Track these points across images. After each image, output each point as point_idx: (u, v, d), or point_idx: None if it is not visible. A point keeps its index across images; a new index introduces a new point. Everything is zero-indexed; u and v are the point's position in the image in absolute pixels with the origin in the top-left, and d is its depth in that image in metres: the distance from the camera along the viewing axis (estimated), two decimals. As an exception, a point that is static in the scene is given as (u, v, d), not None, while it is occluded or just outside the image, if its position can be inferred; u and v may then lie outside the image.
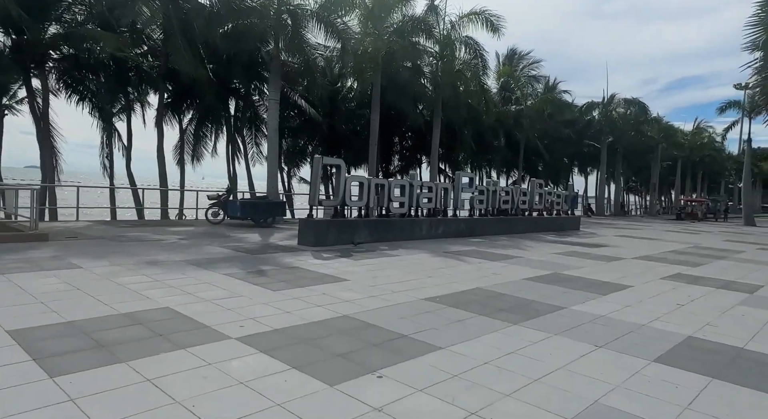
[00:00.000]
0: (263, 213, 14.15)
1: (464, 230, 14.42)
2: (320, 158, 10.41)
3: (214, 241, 10.47)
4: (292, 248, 10.02)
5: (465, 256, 10.22)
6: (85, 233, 10.75)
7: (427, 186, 13.48)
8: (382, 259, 9.23)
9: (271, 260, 8.41)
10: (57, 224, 12.93)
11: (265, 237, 11.75)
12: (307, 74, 20.86)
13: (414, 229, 12.90)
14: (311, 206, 10.76)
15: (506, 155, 34.11)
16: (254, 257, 8.60)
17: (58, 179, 18.02)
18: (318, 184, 10.55)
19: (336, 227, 10.92)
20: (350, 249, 10.40)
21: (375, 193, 12.01)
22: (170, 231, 11.97)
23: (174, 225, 13.71)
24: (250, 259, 8.36)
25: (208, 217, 14.41)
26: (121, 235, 10.67)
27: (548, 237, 15.86)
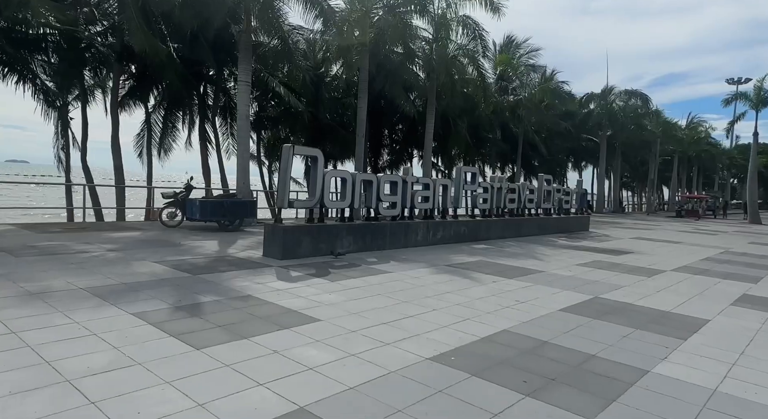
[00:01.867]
0: (228, 215, 11.90)
1: (466, 233, 12.34)
2: (290, 147, 8.23)
3: (156, 252, 8.22)
4: (254, 263, 7.82)
5: (474, 271, 8.12)
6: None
7: (424, 183, 11.35)
8: (369, 279, 7.08)
9: (218, 283, 6.21)
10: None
11: (224, 246, 9.52)
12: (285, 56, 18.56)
13: (408, 234, 10.78)
14: (279, 208, 8.57)
15: (502, 149, 32.13)
16: (196, 279, 6.39)
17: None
18: (288, 180, 8.37)
19: (311, 235, 8.75)
20: (329, 263, 8.24)
21: (361, 191, 9.87)
22: (106, 238, 9.68)
23: (119, 229, 11.40)
24: (189, 283, 6.15)
25: (162, 219, 12.12)
26: (33, 245, 8.36)
27: (560, 241, 13.86)
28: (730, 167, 65.69)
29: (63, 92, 18.46)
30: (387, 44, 20.00)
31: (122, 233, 10.49)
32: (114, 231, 10.85)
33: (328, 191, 9.10)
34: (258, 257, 8.35)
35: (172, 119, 21.23)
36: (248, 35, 14.29)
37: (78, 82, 18.32)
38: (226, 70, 20.53)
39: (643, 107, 35.57)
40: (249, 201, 12.54)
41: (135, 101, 19.93)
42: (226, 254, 8.50)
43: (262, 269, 7.28)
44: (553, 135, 34.33)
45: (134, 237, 10.00)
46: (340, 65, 22.93)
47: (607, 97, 35.27)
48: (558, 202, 16.46)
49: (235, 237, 10.85)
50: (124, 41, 15.84)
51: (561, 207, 16.72)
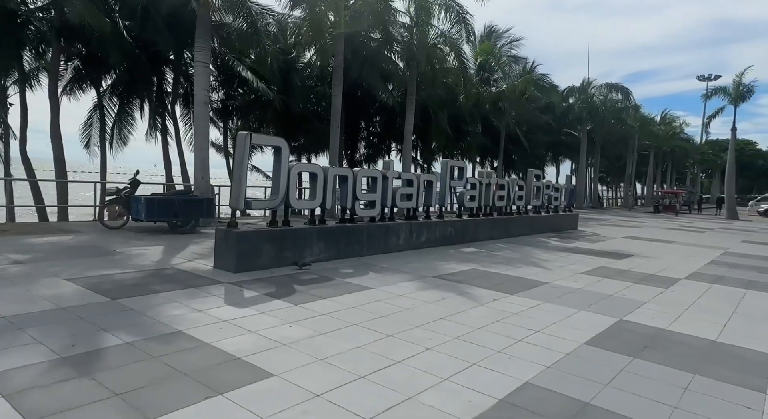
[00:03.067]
0: (181, 214, 10.27)
1: (453, 235, 11.07)
2: (246, 135, 6.73)
3: (77, 264, 6.61)
4: (200, 279, 6.32)
5: (468, 284, 6.83)
6: None
7: (407, 179, 9.99)
8: (343, 299, 5.69)
9: (141, 313, 4.71)
10: None
11: (169, 254, 7.95)
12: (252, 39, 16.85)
13: (389, 238, 9.42)
14: (233, 209, 7.07)
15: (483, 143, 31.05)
16: (114, 305, 4.87)
17: None
18: (244, 175, 6.86)
19: (274, 241, 7.28)
20: (294, 277, 6.80)
21: (335, 188, 8.44)
22: (23, 245, 7.97)
23: (49, 232, 9.65)
24: (101, 313, 4.63)
25: (102, 219, 10.40)
26: None
27: (552, 242, 12.76)
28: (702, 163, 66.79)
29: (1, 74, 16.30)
30: (364, 29, 18.52)
31: (48, 238, 8.77)
32: (40, 235, 9.11)
33: (294, 188, 7.64)
34: (207, 270, 6.84)
35: (127, 106, 19.21)
36: (206, 10, 12.57)
37: (16, 64, 16.19)
38: (187, 54, 18.65)
39: (623, 101, 35.08)
40: (206, 199, 10.92)
41: (82, 86, 17.88)
42: (168, 266, 6.96)
43: (208, 288, 5.79)
44: (533, 129, 33.51)
45: (60, 243, 8.32)
46: (313, 52, 21.33)
47: (588, 90, 34.64)
48: (547, 199, 15.38)
49: (186, 242, 9.27)
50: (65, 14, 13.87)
51: (550, 204, 15.66)
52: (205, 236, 10.07)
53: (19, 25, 15.11)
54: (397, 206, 9.69)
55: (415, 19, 18.24)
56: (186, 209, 10.39)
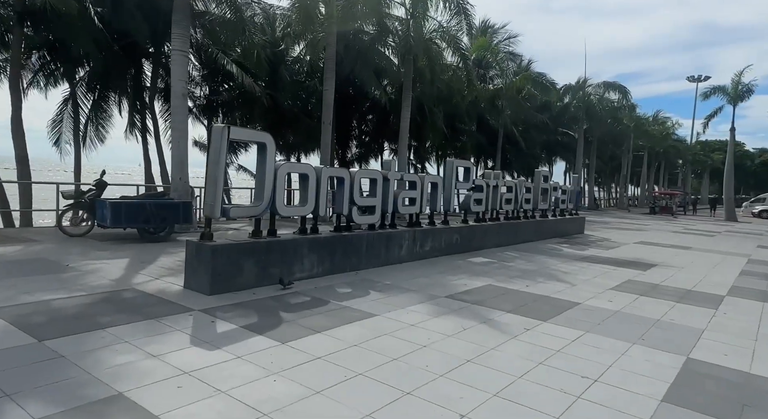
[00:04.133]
0: (152, 220, 9.03)
1: (459, 243, 9.98)
2: (223, 128, 5.55)
3: (11, 285, 5.38)
4: (164, 305, 5.13)
5: (488, 306, 5.73)
6: None
7: (409, 180, 8.87)
8: (341, 333, 4.55)
9: (73, 360, 3.53)
10: None
11: (133, 268, 6.73)
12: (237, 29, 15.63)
13: (390, 248, 8.29)
14: (208, 217, 5.88)
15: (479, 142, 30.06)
16: (39, 349, 3.68)
17: None
18: (220, 176, 5.68)
19: (257, 255, 6.11)
20: (281, 300, 5.65)
21: (328, 191, 7.30)
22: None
23: (1, 242, 8.35)
24: (18, 362, 3.44)
25: (62, 226, 9.11)
26: None
27: (564, 248, 11.75)
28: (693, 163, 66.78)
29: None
30: (357, 20, 17.39)
31: None
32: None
33: (282, 191, 6.48)
34: (175, 292, 5.64)
35: (103, 101, 17.80)
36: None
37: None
38: (167, 46, 17.32)
39: (620, 100, 34.36)
40: (182, 203, 9.68)
41: (51, 79, 16.47)
42: (128, 286, 5.75)
43: (173, 319, 4.61)
44: (529, 128, 32.66)
45: (5, 254, 7.04)
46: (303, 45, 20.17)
47: (584, 89, 33.86)
48: (554, 202, 14.38)
49: (157, 253, 8.04)
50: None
51: (557, 207, 14.68)
52: (179, 246, 8.83)
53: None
54: (399, 212, 8.57)
55: (412, 9, 17.13)
56: (159, 214, 9.16)
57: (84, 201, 9.17)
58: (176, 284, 5.97)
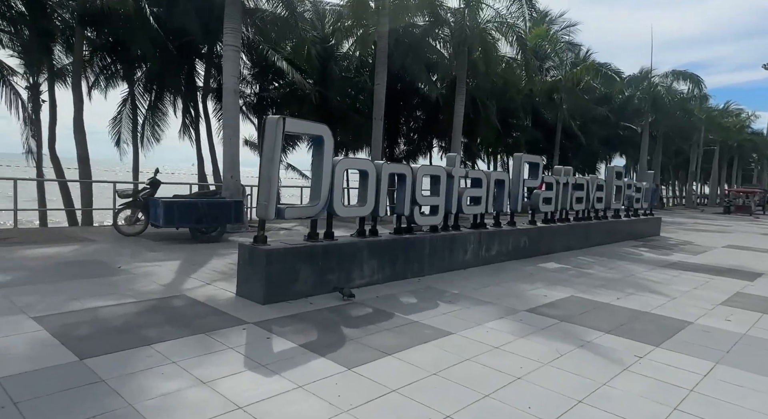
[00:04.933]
0: (204, 220, 8.75)
1: (527, 246, 9.06)
2: (278, 119, 5.03)
3: (61, 289, 5.10)
4: (216, 315, 4.65)
5: (579, 325, 4.87)
6: None
7: (474, 177, 8.06)
8: (415, 357, 3.87)
9: (114, 386, 3.06)
10: None
11: (185, 273, 6.37)
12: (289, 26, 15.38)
13: (455, 252, 7.53)
14: (261, 219, 5.38)
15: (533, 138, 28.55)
16: (78, 371, 3.24)
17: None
18: (275, 174, 5.17)
19: (314, 260, 5.55)
20: (340, 312, 5.05)
21: (389, 189, 6.65)
22: (13, 258, 6.59)
23: (55, 241, 8.34)
24: (52, 388, 3.00)
25: (117, 225, 9.02)
26: None
27: (644, 253, 10.53)
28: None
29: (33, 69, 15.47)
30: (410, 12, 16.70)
31: (48, 249, 7.40)
32: (42, 244, 7.77)
33: (340, 190, 5.89)
34: (227, 300, 5.17)
35: (159, 102, 18.13)
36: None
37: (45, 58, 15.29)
38: (219, 46, 17.36)
39: (692, 90, 31.59)
40: (234, 202, 9.37)
41: (112, 81, 16.90)
42: (178, 292, 5.34)
43: (225, 334, 4.10)
44: (587, 122, 30.72)
45: (58, 257, 6.90)
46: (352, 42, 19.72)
47: (650, 79, 31.40)
48: (628, 201, 13.05)
49: (209, 254, 7.70)
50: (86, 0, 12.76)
51: (631, 206, 13.33)
52: (231, 246, 8.49)
53: (46, 16, 14.16)
54: (463, 212, 7.80)
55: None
56: (211, 214, 8.86)
57: (138, 200, 9.04)
58: (228, 290, 5.51)
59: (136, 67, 16.37)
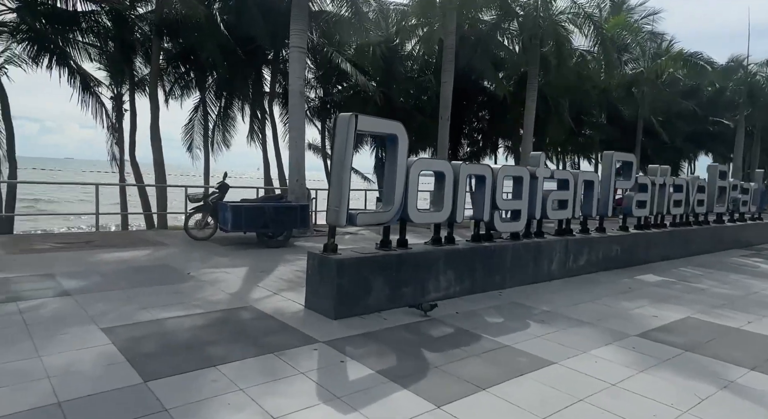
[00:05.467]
0: (271, 224, 8.58)
1: (618, 256, 8.05)
2: (350, 117, 4.61)
3: (132, 296, 4.98)
4: (284, 331, 4.29)
5: (708, 355, 3.98)
6: None
7: (560, 178, 7.23)
8: (514, 392, 3.24)
9: (175, 416, 2.69)
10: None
11: (249, 280, 6.12)
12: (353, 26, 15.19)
13: (539, 262, 6.76)
14: (332, 226, 4.97)
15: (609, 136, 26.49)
16: (139, 395, 2.94)
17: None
18: (347, 176, 4.73)
19: (387, 271, 5.05)
20: (417, 330, 4.50)
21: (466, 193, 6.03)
22: (91, 262, 6.69)
23: (131, 245, 8.52)
24: (111, 415, 2.69)
25: (188, 228, 9.09)
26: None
27: (760, 264, 9.08)
28: None
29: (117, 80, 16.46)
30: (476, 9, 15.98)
31: (123, 253, 7.51)
32: (119, 248, 7.93)
33: (414, 193, 5.36)
34: (295, 313, 4.80)
35: (228, 108, 18.66)
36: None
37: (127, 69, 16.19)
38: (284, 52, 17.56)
39: (798, 78, 27.91)
40: (300, 206, 9.15)
41: (185, 89, 17.58)
42: (246, 303, 5.05)
43: (295, 355, 3.69)
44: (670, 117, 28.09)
45: (132, 261, 6.93)
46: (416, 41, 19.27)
47: (747, 68, 28.13)
48: (733, 203, 11.45)
49: (275, 260, 7.47)
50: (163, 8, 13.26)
51: (737, 210, 11.69)
52: (298, 252, 8.25)
53: (128, 28, 14.93)
54: (547, 217, 7.00)
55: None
56: (277, 218, 8.68)
57: (207, 204, 9.06)
58: (296, 302, 5.15)
59: (207, 74, 16.90)
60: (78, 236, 9.46)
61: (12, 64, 15.78)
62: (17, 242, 8.19)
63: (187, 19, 13.20)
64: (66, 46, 14.09)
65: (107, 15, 14.42)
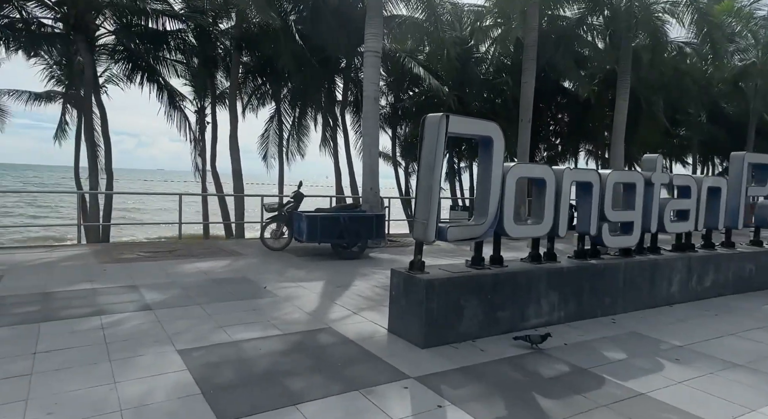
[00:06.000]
0: (346, 234, 8.22)
1: (753, 276, 6.73)
2: (440, 117, 4.04)
3: (210, 313, 4.76)
4: (367, 360, 3.78)
5: None
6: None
7: (680, 185, 6.17)
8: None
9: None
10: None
11: (327, 297, 5.73)
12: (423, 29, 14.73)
13: (656, 283, 5.74)
14: (420, 242, 4.41)
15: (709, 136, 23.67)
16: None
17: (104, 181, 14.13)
18: (436, 185, 4.15)
19: (481, 293, 4.40)
20: (523, 367, 3.79)
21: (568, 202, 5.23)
22: (174, 273, 6.68)
23: (212, 254, 8.55)
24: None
25: (263, 238, 8.99)
26: (46, 292, 5.56)
27: None
28: None
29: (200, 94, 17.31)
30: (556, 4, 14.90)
31: (204, 263, 7.48)
32: (200, 258, 7.95)
33: (511, 204, 4.67)
34: (380, 339, 4.29)
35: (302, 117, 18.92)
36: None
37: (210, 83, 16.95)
38: (357, 60, 17.49)
39: None
40: (375, 215, 8.73)
41: (262, 100, 18.08)
42: (324, 324, 4.63)
43: (383, 394, 3.17)
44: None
45: (211, 272, 6.84)
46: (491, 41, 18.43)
47: None
48: None
49: (352, 273, 7.07)
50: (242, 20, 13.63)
51: None
52: (374, 264, 7.81)
53: (211, 44, 15.58)
54: (665, 230, 5.96)
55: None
56: (352, 229, 8.31)
57: (282, 214, 8.92)
58: (379, 324, 4.65)
59: (282, 85, 17.21)
60: (163, 245, 9.73)
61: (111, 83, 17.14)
62: (109, 250, 8.52)
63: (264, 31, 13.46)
64: (156, 64, 14.95)
65: (192, 32, 15.13)
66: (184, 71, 16.65)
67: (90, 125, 12.97)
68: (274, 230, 9.02)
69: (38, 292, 5.35)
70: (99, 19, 13.48)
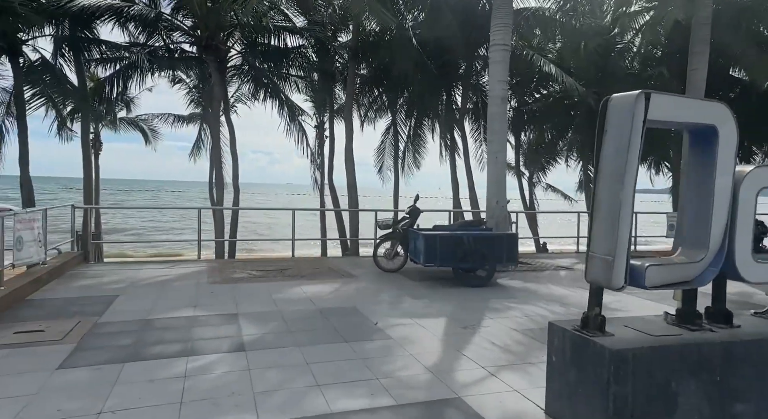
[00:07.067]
0: (470, 258, 6.89)
1: None
2: (636, 98, 2.62)
3: (308, 363, 3.83)
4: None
5: None
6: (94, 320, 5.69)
7: None
8: None
9: None
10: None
11: (450, 342, 4.46)
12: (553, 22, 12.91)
13: None
14: (600, 286, 2.93)
15: None
16: None
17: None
18: (629, 196, 2.72)
19: (700, 371, 2.77)
20: None
21: None
22: (277, 299, 6.00)
23: (319, 276, 7.87)
24: None
25: (377, 259, 8.06)
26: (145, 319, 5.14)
27: None
28: None
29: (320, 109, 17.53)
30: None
31: (311, 287, 6.76)
32: (308, 280, 7.28)
33: (746, 229, 2.96)
34: None
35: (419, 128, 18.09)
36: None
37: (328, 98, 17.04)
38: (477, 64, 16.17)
39: None
40: (506, 235, 7.27)
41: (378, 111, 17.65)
42: (452, 393, 3.37)
43: None
44: None
45: (320, 298, 6.04)
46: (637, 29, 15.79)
47: None
48: None
49: (480, 308, 5.72)
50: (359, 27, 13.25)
51: None
52: (506, 296, 6.36)
53: (330, 59, 15.57)
54: None
55: None
56: (478, 250, 6.95)
57: (397, 231, 7.92)
58: (529, 398, 3.26)
59: (398, 94, 16.57)
60: (275, 263, 9.37)
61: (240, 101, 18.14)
62: (224, 268, 8.32)
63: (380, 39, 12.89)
64: (278, 81, 15.32)
65: (312, 48, 15.26)
66: (305, 87, 16.94)
67: (217, 142, 13.56)
68: (387, 250, 8.05)
69: (140, 319, 4.97)
70: (229, 42, 14.19)
